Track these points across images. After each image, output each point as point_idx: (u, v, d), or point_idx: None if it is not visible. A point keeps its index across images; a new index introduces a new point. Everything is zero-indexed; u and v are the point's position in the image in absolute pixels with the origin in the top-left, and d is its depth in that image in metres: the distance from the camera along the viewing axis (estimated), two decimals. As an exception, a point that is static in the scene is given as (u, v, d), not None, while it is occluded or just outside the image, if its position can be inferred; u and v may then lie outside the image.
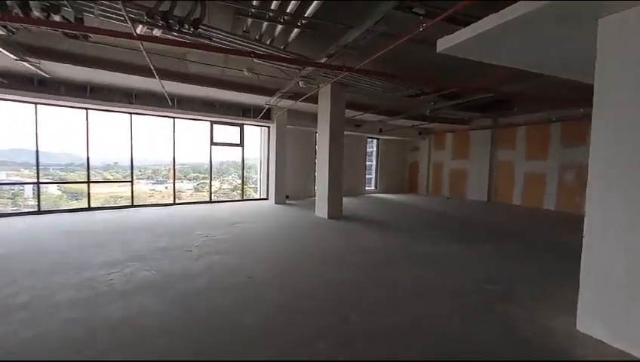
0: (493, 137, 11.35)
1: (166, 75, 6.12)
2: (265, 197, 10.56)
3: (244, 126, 10.02)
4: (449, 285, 3.44)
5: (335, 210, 7.38)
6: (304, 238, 5.36)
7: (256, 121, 9.64)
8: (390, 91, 6.65)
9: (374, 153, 14.22)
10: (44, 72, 5.91)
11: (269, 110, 9.45)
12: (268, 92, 7.65)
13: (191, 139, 9.73)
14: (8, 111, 7.00)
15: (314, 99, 8.24)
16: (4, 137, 7.36)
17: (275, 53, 4.67)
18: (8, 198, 7.91)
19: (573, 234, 6.03)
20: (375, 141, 14.07)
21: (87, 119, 7.57)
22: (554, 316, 2.76)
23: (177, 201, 9.21)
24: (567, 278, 3.65)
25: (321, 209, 7.47)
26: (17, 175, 8.04)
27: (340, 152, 7.37)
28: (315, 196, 11.94)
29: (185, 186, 10.33)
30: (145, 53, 4.43)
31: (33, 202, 7.43)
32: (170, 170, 9.15)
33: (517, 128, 10.52)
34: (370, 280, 3.56)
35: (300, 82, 5.29)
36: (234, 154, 10.45)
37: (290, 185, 10.90)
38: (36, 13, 3.42)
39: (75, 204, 8.20)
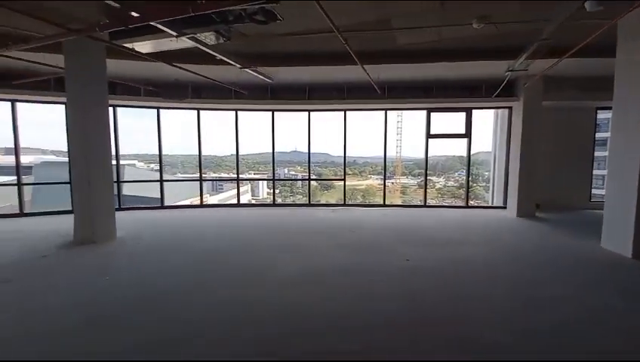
0: None
1: (368, 57, 4.99)
2: (501, 204, 7.67)
3: (472, 110, 7.60)
4: None
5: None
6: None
7: (491, 102, 6.97)
8: None
9: None
10: (267, 78, 6.21)
11: (510, 83, 6.57)
12: (509, 53, 5.07)
13: (410, 131, 8.70)
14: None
15: (589, 52, 4.64)
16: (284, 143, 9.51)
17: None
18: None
19: None
20: None
21: (308, 119, 7.99)
22: None
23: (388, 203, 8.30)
24: None
25: (616, 236, 4.11)
26: (293, 170, 10.93)
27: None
28: (590, 209, 7.62)
29: (410, 182, 10.65)
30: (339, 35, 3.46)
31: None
32: (398, 166, 9.04)
33: None
34: None
35: (590, 5, 2.61)
36: (456, 147, 8.29)
37: (542, 190, 7.33)
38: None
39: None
